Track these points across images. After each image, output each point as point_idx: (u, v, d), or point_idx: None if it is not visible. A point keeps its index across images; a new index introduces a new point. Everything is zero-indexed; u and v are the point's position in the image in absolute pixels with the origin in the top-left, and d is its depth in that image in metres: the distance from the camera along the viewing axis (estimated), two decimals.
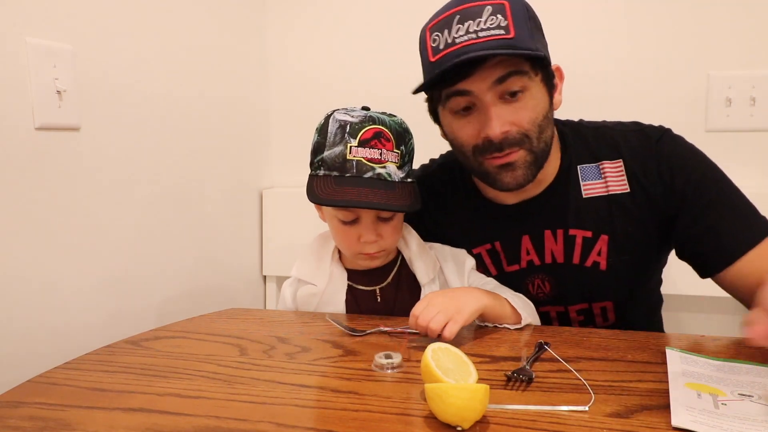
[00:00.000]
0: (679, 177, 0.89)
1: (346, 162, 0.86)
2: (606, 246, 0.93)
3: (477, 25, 0.81)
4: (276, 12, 1.62)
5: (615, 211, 0.93)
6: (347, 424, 0.59)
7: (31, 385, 0.72)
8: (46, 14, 0.92)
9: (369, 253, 0.92)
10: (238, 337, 0.87)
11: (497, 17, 0.81)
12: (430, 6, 0.88)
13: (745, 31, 1.33)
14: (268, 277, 1.62)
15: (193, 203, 1.30)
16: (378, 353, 0.74)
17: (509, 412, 0.60)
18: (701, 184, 0.89)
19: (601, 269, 0.94)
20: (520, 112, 0.85)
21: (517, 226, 0.97)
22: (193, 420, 0.61)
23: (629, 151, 0.93)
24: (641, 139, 0.93)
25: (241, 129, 1.51)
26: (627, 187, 0.92)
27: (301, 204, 0.99)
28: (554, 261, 0.96)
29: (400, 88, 1.55)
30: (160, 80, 1.18)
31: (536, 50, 0.82)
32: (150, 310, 1.16)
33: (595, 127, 0.98)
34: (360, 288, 0.98)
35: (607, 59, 1.41)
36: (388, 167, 0.88)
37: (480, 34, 0.81)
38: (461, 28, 0.82)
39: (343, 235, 0.93)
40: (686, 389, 0.60)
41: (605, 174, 0.93)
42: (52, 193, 0.94)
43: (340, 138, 0.87)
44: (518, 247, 0.98)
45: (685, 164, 0.90)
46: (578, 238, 0.94)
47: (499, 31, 0.81)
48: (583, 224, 0.94)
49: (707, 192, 0.88)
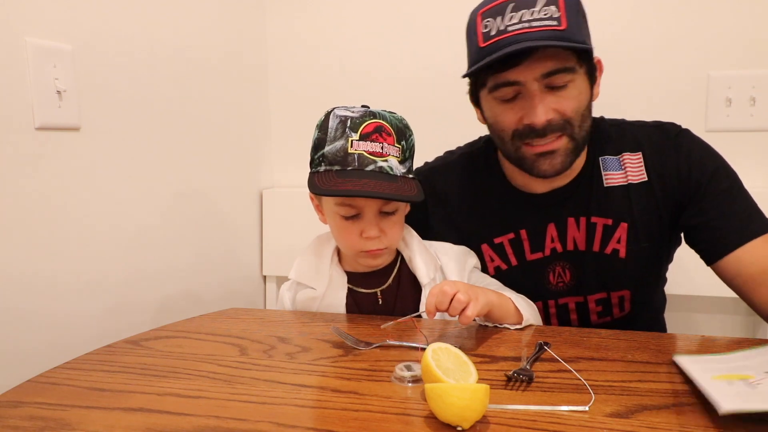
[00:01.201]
0: (695, 169, 0.92)
1: (347, 156, 0.85)
2: (625, 234, 0.96)
3: (531, 15, 0.83)
4: (276, 12, 1.62)
5: (634, 200, 0.95)
6: (347, 424, 0.59)
7: (31, 385, 0.72)
8: (46, 14, 0.92)
9: (372, 250, 0.90)
10: (238, 337, 0.87)
11: (550, 8, 0.83)
12: (430, 6, 0.88)
13: (745, 31, 1.33)
14: (268, 277, 1.62)
15: (193, 203, 1.30)
16: (398, 365, 0.71)
17: (509, 412, 0.60)
18: (715, 176, 0.92)
19: (620, 257, 0.97)
20: (564, 101, 0.87)
21: (544, 214, 0.99)
22: (193, 420, 0.61)
23: (649, 145, 0.96)
24: (661, 134, 0.96)
25: (241, 129, 1.51)
26: (645, 176, 0.95)
27: (301, 204, 0.99)
28: (576, 248, 0.99)
29: (400, 88, 1.56)
30: (160, 80, 1.18)
31: (584, 43, 0.85)
32: (150, 310, 1.16)
33: (617, 124, 1.01)
34: (361, 291, 0.97)
35: (606, 59, 1.41)
36: (390, 161, 0.87)
37: (533, 24, 0.82)
38: (515, 16, 0.83)
39: (344, 232, 0.91)
40: (715, 381, 0.60)
41: (625, 165, 0.97)
42: (52, 193, 0.94)
43: (341, 133, 0.86)
44: (544, 234, 1.00)
45: (702, 158, 0.94)
46: (599, 225, 0.97)
47: (552, 22, 0.82)
48: (604, 212, 0.97)
49: (719, 184, 0.92)
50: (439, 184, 1.06)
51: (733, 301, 1.42)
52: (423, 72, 1.51)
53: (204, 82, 1.33)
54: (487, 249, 1.03)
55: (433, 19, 1.48)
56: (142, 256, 1.13)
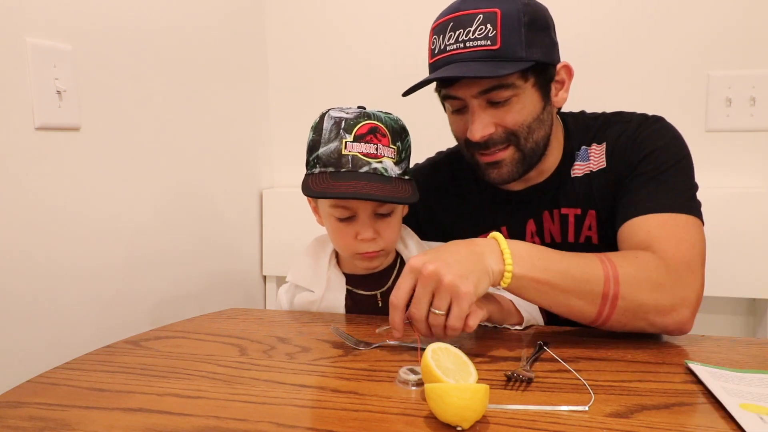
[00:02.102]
0: (634, 152, 0.92)
1: (341, 157, 0.85)
2: (595, 221, 0.97)
3: (466, 35, 0.84)
4: (276, 13, 1.62)
5: (595, 187, 0.96)
6: (347, 424, 0.59)
7: (31, 385, 0.72)
8: (46, 14, 0.92)
9: (367, 252, 0.90)
10: (238, 337, 0.87)
11: (486, 27, 0.83)
12: (428, 7, 0.88)
13: (745, 31, 1.33)
14: (268, 277, 1.62)
15: (193, 203, 1.30)
16: (402, 368, 0.70)
17: (509, 412, 0.60)
18: (647, 157, 0.91)
19: (594, 243, 0.98)
20: (507, 115, 0.88)
21: (524, 210, 1.01)
22: (193, 420, 0.61)
23: (613, 136, 0.96)
24: (627, 125, 0.96)
25: (241, 129, 1.52)
26: (605, 164, 0.96)
27: (301, 204, 0.99)
28: (553, 240, 1.00)
29: (400, 87, 1.55)
30: (160, 80, 1.18)
31: (522, 59, 0.84)
32: (150, 310, 1.16)
33: (595, 117, 1.02)
34: (360, 293, 0.97)
35: (606, 59, 1.41)
36: (385, 162, 0.86)
37: (467, 44, 0.84)
38: (452, 36, 0.85)
39: (339, 234, 0.91)
40: (745, 412, 0.60)
41: (590, 156, 0.98)
42: (52, 193, 0.94)
43: (335, 134, 0.86)
44: (524, 230, 1.01)
45: (644, 141, 0.93)
46: (570, 216, 0.98)
47: (486, 42, 0.83)
48: (572, 202, 0.98)
49: (646, 164, 0.90)
50: (426, 183, 1.06)
51: (733, 301, 1.42)
52: (424, 73, 1.51)
53: (204, 82, 1.33)
54: None
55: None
56: (141, 256, 1.13)
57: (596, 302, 0.76)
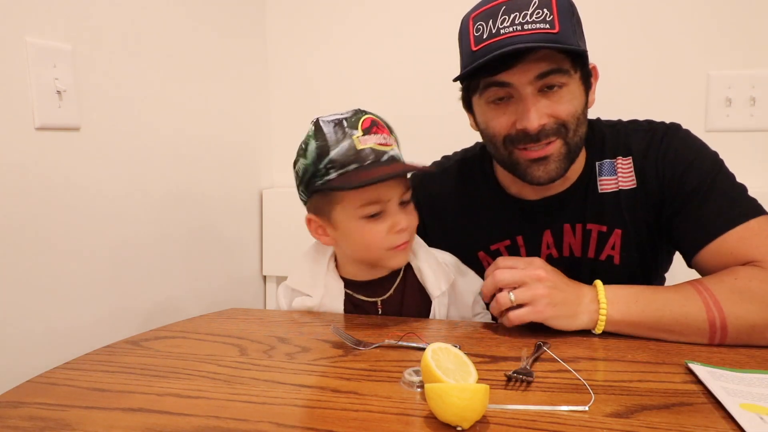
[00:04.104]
0: (669, 169, 0.91)
1: (359, 152, 0.82)
2: (620, 240, 0.95)
3: (523, 18, 0.82)
4: (276, 12, 1.62)
5: (624, 207, 0.94)
6: (347, 424, 0.59)
7: (31, 385, 0.72)
8: (46, 14, 0.92)
9: (403, 243, 0.87)
10: (238, 337, 0.87)
11: (543, 11, 0.82)
12: (430, 9, 0.88)
13: (745, 31, 1.33)
14: (268, 277, 1.62)
15: (193, 203, 1.30)
16: (407, 369, 0.70)
17: (509, 412, 0.60)
18: (686, 173, 0.89)
19: (615, 263, 0.96)
20: (558, 104, 0.86)
21: (541, 221, 0.99)
22: (193, 420, 0.61)
23: (638, 150, 0.94)
24: (649, 138, 0.94)
25: (242, 129, 1.52)
26: (634, 182, 0.94)
27: (301, 204, 0.99)
28: (572, 254, 0.98)
29: (401, 87, 1.56)
30: (160, 80, 1.18)
31: (578, 46, 0.83)
32: (150, 310, 1.16)
33: (612, 125, 1.00)
34: (361, 298, 0.95)
35: (606, 59, 1.41)
36: (395, 150, 0.86)
37: (525, 27, 0.81)
38: (507, 19, 0.82)
39: (370, 234, 0.86)
40: (745, 411, 0.60)
41: (618, 170, 0.95)
42: (52, 193, 0.94)
43: (341, 134, 0.83)
44: (540, 241, 0.99)
45: (676, 156, 0.91)
46: (594, 232, 0.96)
47: (545, 25, 0.81)
48: (598, 219, 0.96)
49: (691, 180, 0.89)
50: (435, 190, 1.06)
51: None
52: (426, 73, 1.51)
53: (204, 83, 1.33)
54: (484, 256, 1.02)
55: (434, 21, 1.48)
56: (141, 256, 1.13)
57: (704, 334, 0.77)
